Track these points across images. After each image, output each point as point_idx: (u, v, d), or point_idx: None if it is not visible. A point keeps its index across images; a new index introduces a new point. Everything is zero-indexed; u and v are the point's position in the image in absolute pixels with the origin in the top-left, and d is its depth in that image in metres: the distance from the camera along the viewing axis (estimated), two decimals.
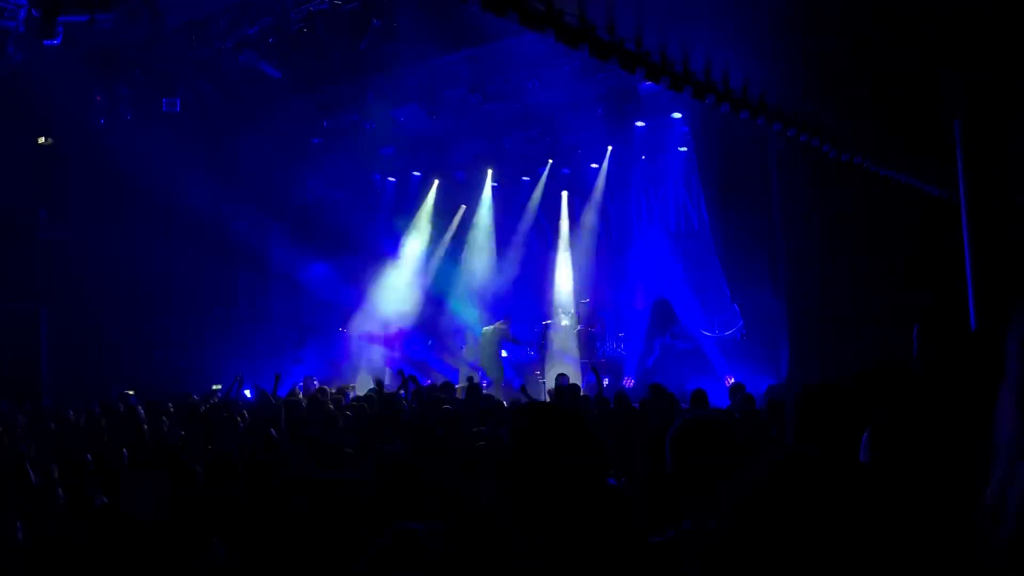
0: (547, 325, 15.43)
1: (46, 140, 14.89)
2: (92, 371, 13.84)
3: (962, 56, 5.59)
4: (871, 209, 10.06)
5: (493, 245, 18.42)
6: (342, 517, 4.24)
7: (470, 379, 11.74)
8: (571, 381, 11.61)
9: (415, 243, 18.62)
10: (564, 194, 17.82)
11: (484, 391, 10.82)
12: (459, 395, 10.66)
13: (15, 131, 14.01)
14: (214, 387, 14.81)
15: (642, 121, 15.25)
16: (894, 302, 9.44)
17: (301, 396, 11.49)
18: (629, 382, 15.13)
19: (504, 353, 17.41)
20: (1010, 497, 0.95)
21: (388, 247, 18.53)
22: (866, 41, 5.51)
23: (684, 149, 15.61)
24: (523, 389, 10.87)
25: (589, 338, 16.57)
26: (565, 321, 16.80)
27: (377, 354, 17.20)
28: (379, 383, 11.70)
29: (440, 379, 14.03)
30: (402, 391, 10.43)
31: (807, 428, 2.77)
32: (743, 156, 12.28)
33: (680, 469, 2.35)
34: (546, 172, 17.54)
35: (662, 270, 16.21)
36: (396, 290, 18.11)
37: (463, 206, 18.69)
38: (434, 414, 7.62)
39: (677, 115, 14.68)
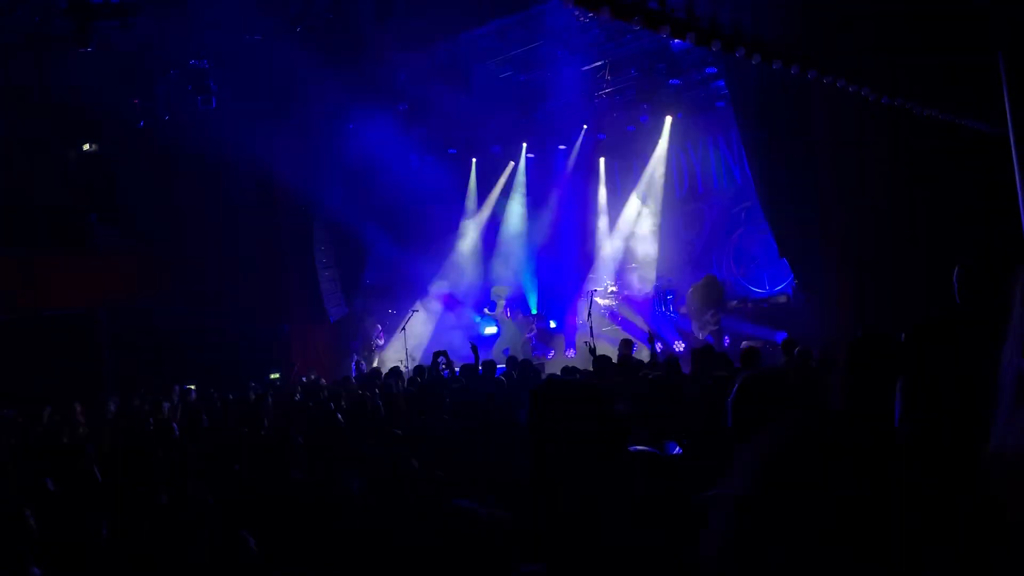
0: (592, 292, 15.34)
1: (91, 146, 15.23)
2: (152, 368, 14.22)
3: None
4: (921, 151, 9.76)
5: (529, 216, 18.54)
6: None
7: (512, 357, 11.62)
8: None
9: (468, 222, 18.88)
10: (601, 160, 17.68)
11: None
12: None
13: (61, 139, 14.36)
14: (272, 375, 15.16)
15: (676, 79, 15.00)
16: (949, 245, 9.18)
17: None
18: (680, 346, 15.03)
19: (552, 324, 17.46)
20: (1009, 441, 0.93)
21: (434, 227, 18.70)
22: None
23: (722, 104, 15.33)
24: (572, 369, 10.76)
25: (636, 303, 16.49)
26: (612, 288, 16.74)
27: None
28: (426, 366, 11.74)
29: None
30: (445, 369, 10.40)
31: (858, 381, 2.72)
32: (783, 106, 11.96)
33: (740, 426, 2.34)
34: (580, 138, 17.40)
35: (706, 229, 16.02)
36: (453, 267, 18.48)
37: (501, 179, 18.73)
38: (482, 390, 7.66)
39: (712, 70, 14.39)
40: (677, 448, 4.69)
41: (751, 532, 0.93)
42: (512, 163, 18.47)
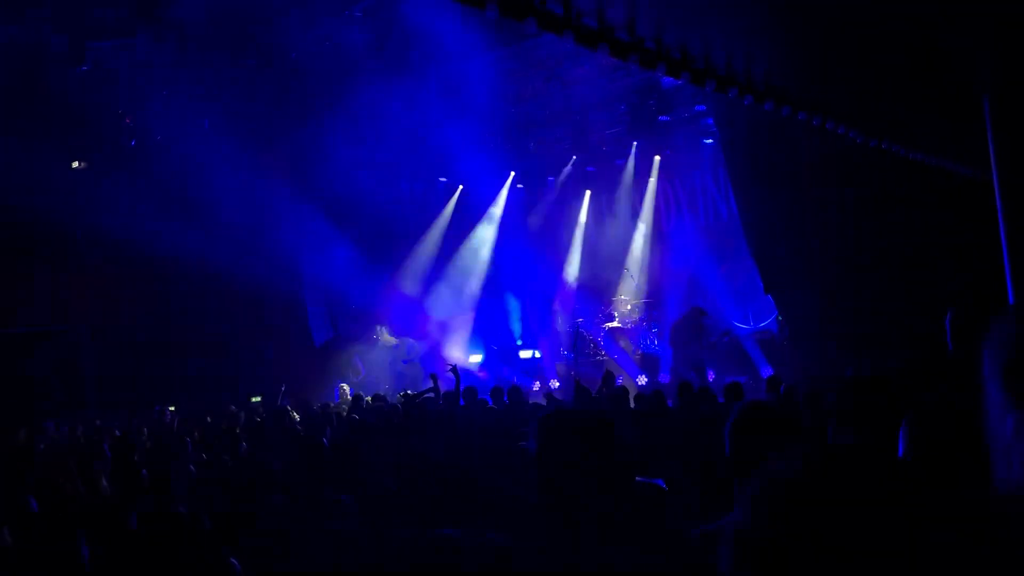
0: (579, 323, 15.38)
1: (80, 164, 15.18)
2: (135, 387, 14.10)
3: (989, 27, 5.48)
4: (904, 192, 9.92)
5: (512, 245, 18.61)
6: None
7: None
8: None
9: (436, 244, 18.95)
10: (587, 193, 17.80)
11: None
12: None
13: (50, 156, 14.30)
14: (253, 399, 15.04)
15: (666, 115, 15.20)
16: (933, 284, 9.30)
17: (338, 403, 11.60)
18: (667, 377, 15.06)
19: (538, 353, 17.45)
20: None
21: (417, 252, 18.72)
22: (889, 19, 5.43)
23: (710, 141, 15.54)
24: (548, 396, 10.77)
25: (623, 334, 16.54)
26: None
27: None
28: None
29: None
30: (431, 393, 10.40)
31: (851, 420, 2.74)
32: (770, 145, 12.14)
33: (739, 456, 2.36)
34: (568, 168, 17.53)
35: (693, 264, 16.14)
36: (440, 294, 18.45)
37: (490, 209, 18.80)
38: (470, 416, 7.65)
39: (701, 107, 14.60)
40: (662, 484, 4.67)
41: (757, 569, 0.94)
42: (504, 191, 18.56)
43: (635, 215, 17.33)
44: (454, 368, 10.48)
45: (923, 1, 4.98)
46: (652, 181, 16.88)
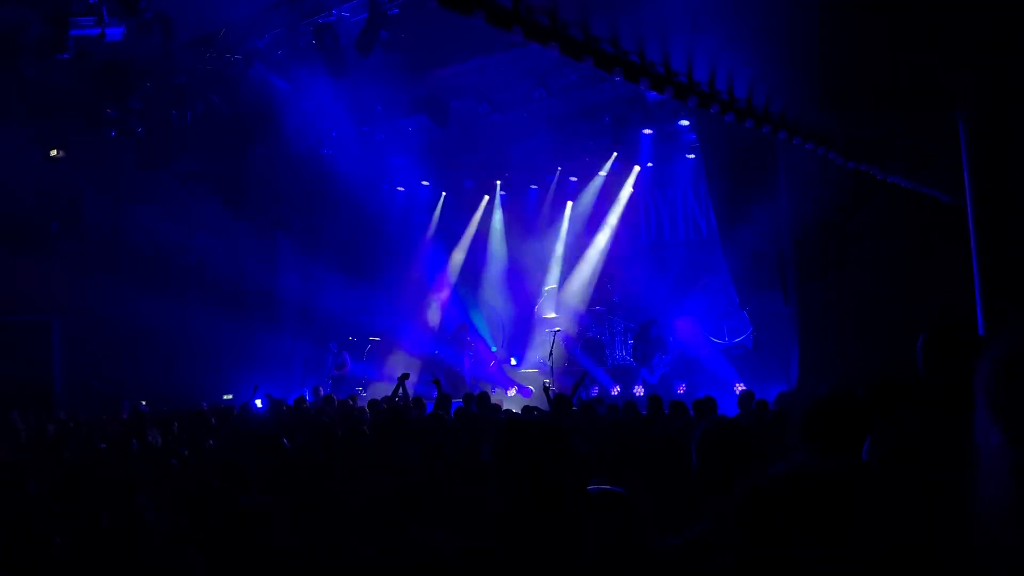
0: (556, 332, 15.39)
1: (58, 153, 15.00)
2: (104, 381, 13.93)
3: (964, 51, 5.56)
4: (880, 213, 10.03)
5: (503, 255, 18.60)
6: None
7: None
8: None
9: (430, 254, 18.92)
10: (569, 203, 17.84)
11: None
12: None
13: (27, 144, 14.13)
14: (225, 397, 14.92)
15: (649, 128, 15.28)
16: (904, 307, 9.40)
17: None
18: (640, 390, 15.11)
19: (513, 361, 17.46)
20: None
21: (397, 257, 18.68)
22: (868, 42, 5.49)
23: (692, 156, 15.64)
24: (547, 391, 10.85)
25: (597, 346, 16.57)
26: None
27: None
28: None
29: None
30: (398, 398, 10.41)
31: (814, 438, 2.77)
32: (751, 162, 12.26)
33: (705, 472, 2.38)
34: (555, 180, 17.59)
35: (670, 277, 16.22)
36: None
37: (475, 215, 18.80)
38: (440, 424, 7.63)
39: (684, 122, 14.70)
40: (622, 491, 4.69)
41: None
42: (487, 197, 18.55)
43: (599, 226, 17.37)
44: (436, 380, 10.47)
45: (902, 23, 5.04)
46: (627, 191, 16.94)
